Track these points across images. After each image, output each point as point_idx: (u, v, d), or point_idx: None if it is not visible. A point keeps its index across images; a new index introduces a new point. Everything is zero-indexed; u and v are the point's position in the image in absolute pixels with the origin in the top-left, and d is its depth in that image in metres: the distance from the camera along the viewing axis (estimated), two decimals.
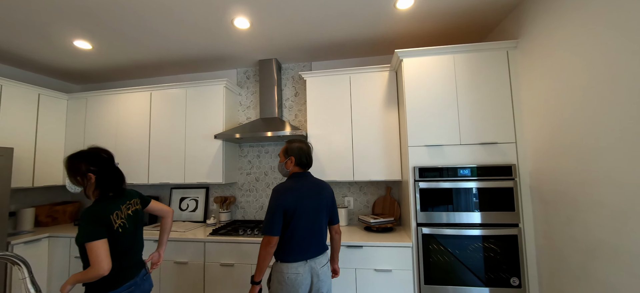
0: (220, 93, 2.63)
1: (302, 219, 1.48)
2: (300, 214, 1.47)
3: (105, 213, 1.24)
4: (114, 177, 1.35)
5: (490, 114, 1.96)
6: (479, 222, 1.91)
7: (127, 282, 1.31)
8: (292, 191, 1.50)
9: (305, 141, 1.67)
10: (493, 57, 1.99)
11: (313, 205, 1.52)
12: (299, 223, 1.47)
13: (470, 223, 1.92)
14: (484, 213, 1.91)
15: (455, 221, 1.94)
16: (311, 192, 1.55)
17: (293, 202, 1.47)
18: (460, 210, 1.94)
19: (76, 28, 2.07)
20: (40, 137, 2.69)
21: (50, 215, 2.79)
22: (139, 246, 1.45)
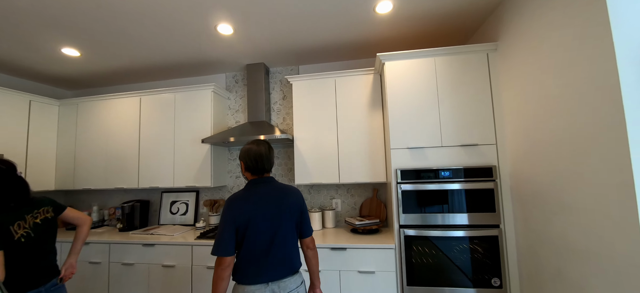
0: (208, 98, 2.66)
1: (259, 233, 1.27)
2: (254, 228, 1.26)
3: (4, 224, 1.27)
4: (15, 187, 1.36)
5: (471, 116, 1.98)
6: (460, 223, 1.93)
7: (30, 290, 1.33)
8: (244, 202, 1.29)
9: (260, 142, 1.42)
10: (473, 60, 2.01)
11: (271, 216, 1.30)
12: (256, 238, 1.27)
13: (452, 224, 1.94)
14: (465, 215, 1.92)
15: (437, 222, 1.95)
16: (269, 201, 1.32)
17: (245, 215, 1.26)
18: (442, 212, 1.95)
19: (63, 36, 2.11)
20: (31, 143, 2.73)
21: None
22: (48, 255, 1.45)
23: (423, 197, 1.98)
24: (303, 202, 1.46)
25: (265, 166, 1.38)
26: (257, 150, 1.37)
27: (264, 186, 1.37)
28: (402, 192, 2.01)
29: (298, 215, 1.40)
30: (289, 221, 1.35)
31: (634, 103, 1.08)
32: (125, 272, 2.38)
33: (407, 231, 1.98)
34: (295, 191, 1.45)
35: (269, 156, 1.40)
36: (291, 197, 1.39)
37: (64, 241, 2.51)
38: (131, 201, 2.84)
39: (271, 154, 1.43)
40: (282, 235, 1.32)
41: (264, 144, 1.41)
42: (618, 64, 1.10)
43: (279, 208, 1.33)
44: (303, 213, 1.43)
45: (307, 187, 2.78)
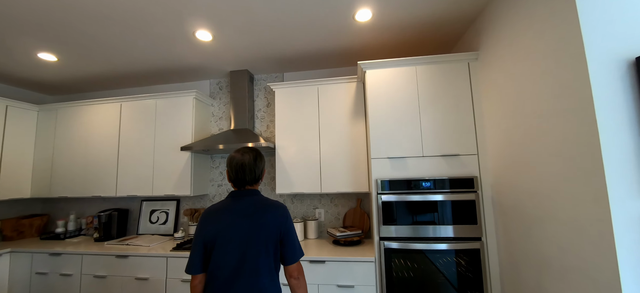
0: (189, 104, 2.61)
1: (224, 256, 1.12)
2: (220, 249, 1.13)
3: None
4: None
5: (453, 126, 1.95)
6: (442, 236, 1.87)
7: None
8: (215, 216, 1.18)
9: (247, 150, 1.29)
10: (455, 69, 1.99)
11: (241, 237, 1.14)
12: (219, 261, 1.12)
13: (434, 237, 1.88)
14: (447, 227, 1.87)
15: (418, 235, 1.90)
16: (242, 218, 1.17)
17: (213, 230, 1.15)
18: (423, 224, 1.90)
19: (38, 41, 2.06)
20: (6, 149, 2.65)
21: (16, 229, 2.73)
22: None
23: (403, 208, 1.93)
24: (286, 221, 1.22)
25: (247, 177, 1.24)
26: (239, 159, 1.24)
27: (242, 200, 1.22)
28: (382, 203, 1.95)
29: (276, 238, 1.18)
30: (263, 245, 1.15)
31: (607, 114, 1.05)
32: (97, 285, 2.28)
33: (387, 243, 1.92)
34: (278, 208, 1.24)
35: (253, 168, 1.25)
36: (270, 215, 1.19)
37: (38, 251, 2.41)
38: (109, 210, 2.75)
39: (257, 165, 1.27)
40: (251, 261, 1.13)
41: (250, 154, 1.27)
42: (590, 75, 1.07)
43: (252, 228, 1.16)
44: (285, 234, 1.20)
45: (289, 196, 2.72)
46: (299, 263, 1.21)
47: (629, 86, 1.05)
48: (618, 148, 1.03)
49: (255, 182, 1.29)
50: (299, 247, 1.23)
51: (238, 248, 1.14)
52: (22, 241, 2.70)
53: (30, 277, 2.41)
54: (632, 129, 1.03)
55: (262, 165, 1.31)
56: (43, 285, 2.37)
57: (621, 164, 1.03)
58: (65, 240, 2.68)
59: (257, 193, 1.28)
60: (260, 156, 1.31)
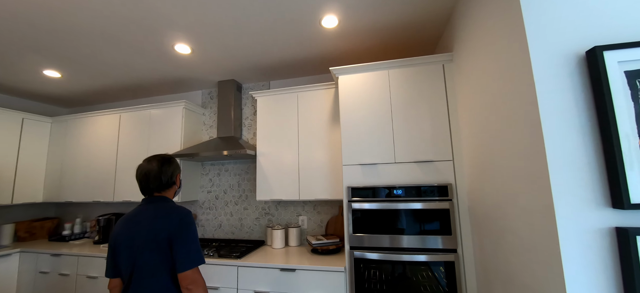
0: (179, 114, 2.73)
1: (125, 258, 1.16)
2: (119, 255, 1.18)
3: None
4: None
5: (427, 131, 1.86)
6: (415, 247, 1.78)
7: None
8: (121, 222, 1.23)
9: (153, 158, 1.30)
10: (429, 72, 1.91)
11: (132, 244, 1.16)
12: (122, 262, 1.17)
13: (406, 247, 1.79)
14: (420, 237, 1.77)
15: (390, 245, 1.82)
16: (137, 225, 1.18)
17: (115, 236, 1.21)
18: (395, 233, 1.81)
19: (42, 59, 2.27)
20: (21, 158, 2.93)
21: (28, 231, 2.99)
22: None
23: (375, 217, 1.86)
24: (177, 227, 1.17)
25: (151, 185, 1.25)
26: (144, 167, 1.27)
27: (144, 206, 1.24)
28: (352, 211, 1.90)
29: (165, 246, 1.14)
30: (151, 251, 1.13)
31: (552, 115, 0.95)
32: (90, 285, 2.42)
33: (358, 253, 1.86)
34: (172, 214, 1.20)
35: (158, 174, 1.26)
36: (161, 223, 1.17)
37: (41, 251, 2.61)
38: (108, 214, 2.93)
39: (163, 172, 1.28)
40: (139, 268, 1.13)
41: (155, 161, 1.29)
42: (534, 73, 0.98)
43: (143, 234, 1.15)
44: (174, 240, 1.14)
45: (274, 203, 2.73)
46: (193, 272, 1.15)
47: (579, 84, 0.95)
48: (566, 154, 0.93)
49: (162, 189, 1.29)
50: (195, 255, 1.17)
51: (129, 256, 1.16)
52: (33, 242, 2.94)
53: (35, 275, 2.62)
54: (582, 133, 0.93)
55: (170, 171, 1.31)
56: (45, 284, 2.56)
57: (569, 172, 0.92)
58: (70, 242, 2.88)
59: (163, 199, 1.28)
60: (169, 163, 1.32)
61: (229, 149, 2.37)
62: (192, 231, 1.21)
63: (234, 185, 2.86)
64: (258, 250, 2.40)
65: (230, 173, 2.89)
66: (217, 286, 2.11)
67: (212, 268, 2.14)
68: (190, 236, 1.19)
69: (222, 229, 2.84)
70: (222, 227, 2.84)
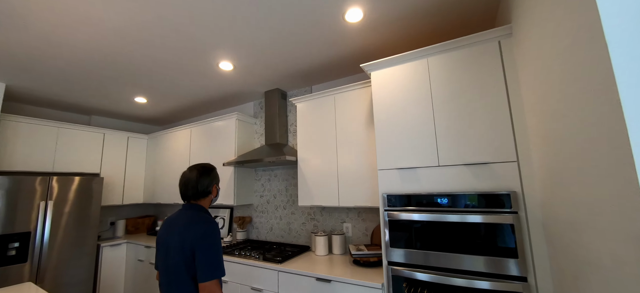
0: (232, 125, 2.99)
1: (161, 258, 1.30)
2: (158, 251, 1.33)
3: None
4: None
5: (480, 126, 1.51)
6: (466, 269, 1.45)
7: None
8: (164, 224, 1.37)
9: (195, 167, 1.41)
10: (479, 52, 1.55)
11: (167, 248, 1.27)
12: (159, 261, 1.32)
13: (455, 268, 1.48)
14: (473, 257, 1.44)
15: (432, 263, 1.54)
16: (173, 230, 1.28)
17: (158, 236, 1.36)
18: (441, 250, 1.52)
19: (132, 89, 2.83)
20: (128, 168, 3.71)
21: (134, 226, 3.75)
22: None
23: (414, 229, 1.60)
24: (202, 238, 1.22)
25: (189, 192, 1.35)
26: (185, 176, 1.38)
27: (181, 213, 1.34)
28: (389, 222, 1.69)
29: (189, 254, 1.20)
30: (179, 256, 1.22)
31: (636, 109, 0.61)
32: None
33: (396, 269, 1.64)
34: (198, 224, 1.26)
35: (196, 184, 1.35)
36: (186, 231, 1.24)
37: (139, 243, 3.23)
38: None
39: (201, 181, 1.37)
40: (172, 270, 1.23)
41: (196, 171, 1.38)
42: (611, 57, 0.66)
43: (175, 241, 1.24)
44: (197, 251, 1.20)
45: (318, 209, 2.68)
46: (212, 284, 1.17)
47: None
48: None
49: (198, 197, 1.37)
50: (215, 267, 1.19)
51: (165, 254, 1.27)
52: (137, 235, 3.67)
53: (135, 262, 3.25)
54: None
55: (206, 182, 1.38)
56: (140, 269, 3.16)
57: None
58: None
59: (197, 208, 1.36)
60: (207, 174, 1.39)
61: (270, 156, 2.45)
62: (215, 243, 1.25)
63: (282, 190, 2.95)
64: (301, 255, 2.39)
65: (278, 178, 3.00)
66: (260, 288, 2.19)
67: (257, 270, 2.23)
68: (212, 248, 1.23)
69: (273, 232, 2.96)
70: (273, 230, 2.96)
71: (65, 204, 2.89)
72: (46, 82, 2.61)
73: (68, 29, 1.78)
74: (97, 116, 3.75)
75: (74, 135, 3.24)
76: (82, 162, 3.28)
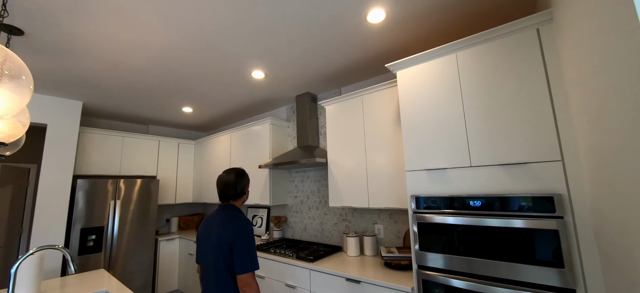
0: (266, 129, 3.16)
1: (202, 253, 1.44)
2: (200, 246, 1.46)
3: None
4: None
5: (516, 122, 1.39)
6: (503, 277, 1.36)
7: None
8: (203, 221, 1.53)
9: (231, 170, 1.54)
10: (515, 43, 1.43)
11: (206, 244, 1.42)
12: (200, 255, 1.46)
13: (490, 276, 1.39)
14: (511, 265, 1.34)
15: (465, 269, 1.46)
16: (212, 228, 1.42)
17: (199, 232, 1.51)
18: (475, 255, 1.44)
19: (180, 100, 3.16)
20: (179, 170, 4.13)
21: (185, 223, 4.17)
22: None
23: (445, 233, 1.54)
24: (236, 235, 1.34)
25: (225, 193, 1.49)
26: (224, 178, 1.51)
27: (218, 212, 1.47)
28: (418, 225, 1.64)
29: (227, 249, 1.33)
30: (217, 253, 1.34)
31: None
32: None
33: (426, 273, 1.59)
34: (234, 222, 1.38)
35: (235, 185, 1.49)
36: (224, 229, 1.36)
37: (188, 238, 3.59)
38: None
39: (238, 183, 1.50)
40: (212, 264, 1.36)
41: (233, 174, 1.51)
42: None
43: (214, 236, 1.38)
44: (234, 246, 1.32)
45: (350, 210, 2.70)
46: (248, 276, 1.30)
47: None
48: None
49: (235, 197, 1.50)
50: (250, 261, 1.32)
51: (205, 254, 1.42)
52: (187, 231, 4.07)
53: (186, 256, 3.61)
54: None
55: (242, 183, 1.53)
56: (190, 262, 3.51)
57: None
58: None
59: (232, 208, 1.48)
60: (242, 176, 1.53)
61: (301, 159, 2.54)
62: (249, 240, 1.38)
63: (315, 191, 3.03)
64: (333, 255, 2.44)
65: (311, 179, 3.08)
66: (294, 285, 2.29)
67: (291, 268, 2.33)
68: (246, 244, 1.35)
69: (307, 232, 3.06)
70: (306, 230, 3.06)
71: (130, 203, 3.34)
72: (111, 99, 3.05)
73: (125, 55, 2.07)
74: (153, 126, 4.25)
75: (135, 143, 3.72)
76: (142, 166, 3.75)
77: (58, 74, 2.36)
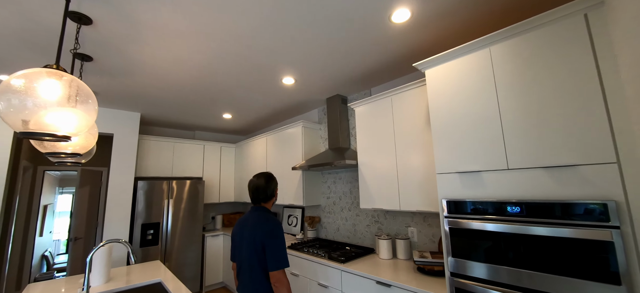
0: (299, 132, 3.26)
1: (237, 251, 1.58)
2: (235, 248, 1.60)
3: None
4: None
5: (560, 122, 1.26)
6: (546, 292, 1.24)
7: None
8: (238, 222, 1.65)
9: (261, 175, 1.65)
10: (557, 32, 1.29)
11: (241, 243, 1.54)
12: (236, 253, 1.59)
13: (531, 289, 1.28)
14: (557, 279, 1.22)
15: (502, 280, 1.36)
16: (244, 227, 1.55)
17: (233, 232, 1.64)
18: (515, 266, 1.34)
19: (221, 108, 3.43)
20: (222, 172, 4.47)
21: (229, 220, 4.49)
22: None
23: (480, 240, 1.45)
24: (268, 235, 1.45)
25: (256, 196, 1.61)
26: (255, 182, 1.63)
27: (251, 214, 1.59)
28: (450, 230, 1.57)
29: (260, 248, 1.44)
30: (250, 252, 1.46)
31: None
32: None
33: (460, 281, 1.51)
34: (265, 223, 1.49)
35: (265, 188, 1.60)
36: (257, 229, 1.48)
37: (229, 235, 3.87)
38: None
39: (268, 186, 1.62)
40: (246, 262, 1.48)
41: (263, 178, 1.63)
42: None
43: (247, 235, 1.50)
44: (266, 247, 1.43)
45: (382, 212, 2.66)
46: (279, 273, 1.40)
47: None
48: None
49: (266, 200, 1.62)
50: (281, 259, 1.42)
51: (240, 252, 1.55)
52: (230, 228, 4.38)
53: (229, 250, 3.89)
54: None
55: (272, 186, 1.64)
56: None
57: None
58: None
59: (263, 209, 1.61)
60: (271, 180, 1.63)
61: (332, 161, 2.58)
62: (279, 239, 1.48)
63: (347, 192, 3.05)
64: (365, 257, 2.44)
65: (343, 180, 3.11)
66: (326, 284, 2.34)
67: (323, 268, 2.39)
68: (277, 243, 1.46)
69: (340, 233, 3.09)
70: (339, 231, 3.09)
71: (181, 202, 3.71)
72: (163, 110, 3.42)
73: (173, 71, 2.32)
74: (199, 131, 4.65)
75: (184, 147, 4.12)
76: (190, 168, 4.14)
77: (120, 90, 2.74)
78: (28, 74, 1.00)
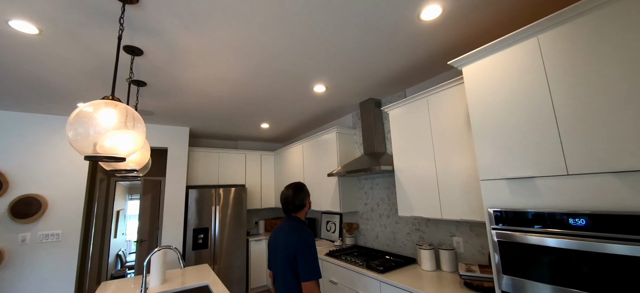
0: (333, 138, 3.25)
1: (272, 258, 1.63)
2: (270, 256, 1.65)
3: None
4: None
5: (633, 118, 1.05)
6: None
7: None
8: (273, 231, 1.69)
9: (290, 186, 1.70)
10: (621, 12, 1.09)
11: (276, 252, 1.58)
12: (271, 260, 1.64)
13: None
14: None
15: None
16: (277, 237, 1.61)
17: (269, 243, 1.69)
18: (584, 289, 1.15)
19: (259, 119, 3.60)
20: (263, 179, 4.67)
21: (271, 225, 4.67)
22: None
23: (535, 256, 1.28)
24: (300, 246, 1.47)
25: (286, 207, 1.67)
26: (284, 193, 1.69)
27: (284, 223, 1.65)
28: (498, 243, 1.41)
29: (292, 257, 1.47)
30: (284, 261, 1.50)
31: None
32: None
33: None
34: (296, 233, 1.52)
35: (293, 199, 1.64)
36: (288, 239, 1.52)
37: None
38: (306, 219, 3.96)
39: (296, 197, 1.65)
40: (280, 270, 1.53)
41: (291, 189, 1.68)
42: None
43: (281, 244, 1.55)
44: (297, 256, 1.46)
45: (423, 220, 2.51)
46: (311, 284, 1.41)
47: None
48: None
49: (296, 210, 1.66)
50: (312, 270, 1.42)
51: (275, 261, 1.59)
52: None
53: None
54: None
55: (300, 197, 1.66)
56: None
57: None
58: None
59: (295, 219, 1.64)
60: (300, 190, 1.65)
61: (366, 167, 2.52)
62: (310, 250, 1.49)
63: (384, 198, 2.94)
64: (406, 267, 2.32)
65: (380, 186, 3.01)
66: None
67: (361, 277, 2.33)
68: (308, 253, 1.47)
69: (378, 240, 2.99)
70: (378, 238, 2.99)
71: (227, 208, 3.97)
72: (208, 123, 3.71)
73: (214, 87, 2.50)
74: (241, 141, 4.93)
75: (228, 157, 4.40)
76: (233, 176, 4.41)
77: (171, 108, 3.04)
78: (90, 105, 1.17)
